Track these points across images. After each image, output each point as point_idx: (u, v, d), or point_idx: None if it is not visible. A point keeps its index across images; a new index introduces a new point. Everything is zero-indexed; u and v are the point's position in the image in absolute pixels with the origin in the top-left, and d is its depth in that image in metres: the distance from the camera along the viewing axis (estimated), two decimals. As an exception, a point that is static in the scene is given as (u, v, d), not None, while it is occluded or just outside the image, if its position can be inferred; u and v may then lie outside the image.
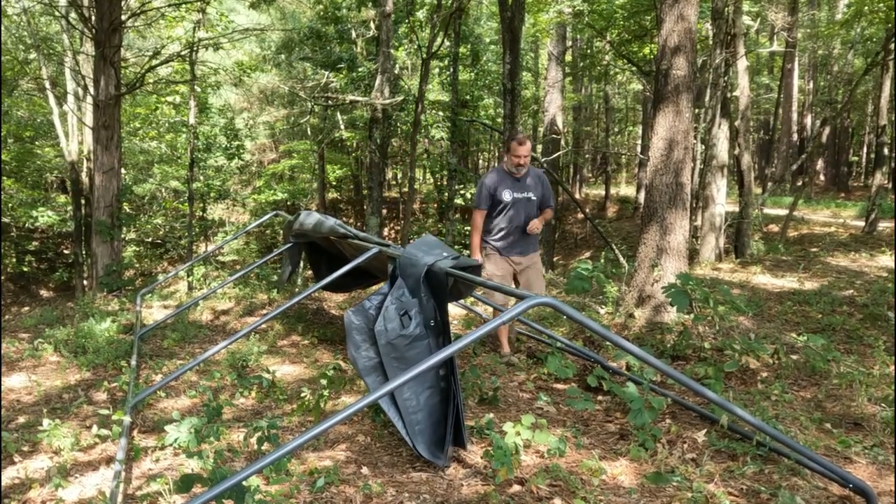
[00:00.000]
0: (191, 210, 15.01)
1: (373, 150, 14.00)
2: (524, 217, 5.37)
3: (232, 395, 4.70)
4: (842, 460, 3.58)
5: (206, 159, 17.02)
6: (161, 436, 3.76)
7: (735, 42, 11.98)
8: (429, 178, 27.03)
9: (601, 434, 4.01)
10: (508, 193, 5.33)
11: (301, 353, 5.89)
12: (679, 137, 6.30)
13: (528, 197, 5.38)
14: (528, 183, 5.39)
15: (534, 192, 5.39)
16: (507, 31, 11.46)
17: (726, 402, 2.98)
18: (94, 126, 9.47)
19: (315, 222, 5.81)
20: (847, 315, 6.76)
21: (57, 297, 17.96)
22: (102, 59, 9.09)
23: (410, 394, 3.57)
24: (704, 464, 3.45)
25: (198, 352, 5.86)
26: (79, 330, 6.16)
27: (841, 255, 11.24)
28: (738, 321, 6.43)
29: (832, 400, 4.50)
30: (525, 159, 5.28)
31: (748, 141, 12.92)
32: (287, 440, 3.80)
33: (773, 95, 27.54)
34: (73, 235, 16.17)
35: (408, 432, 3.54)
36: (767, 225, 15.97)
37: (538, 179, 5.45)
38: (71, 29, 13.84)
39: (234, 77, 15.14)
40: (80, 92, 14.31)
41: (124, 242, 15.65)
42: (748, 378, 4.92)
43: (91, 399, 4.64)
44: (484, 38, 21.72)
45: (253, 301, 7.76)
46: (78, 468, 3.53)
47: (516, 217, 5.35)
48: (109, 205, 9.35)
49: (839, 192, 27.22)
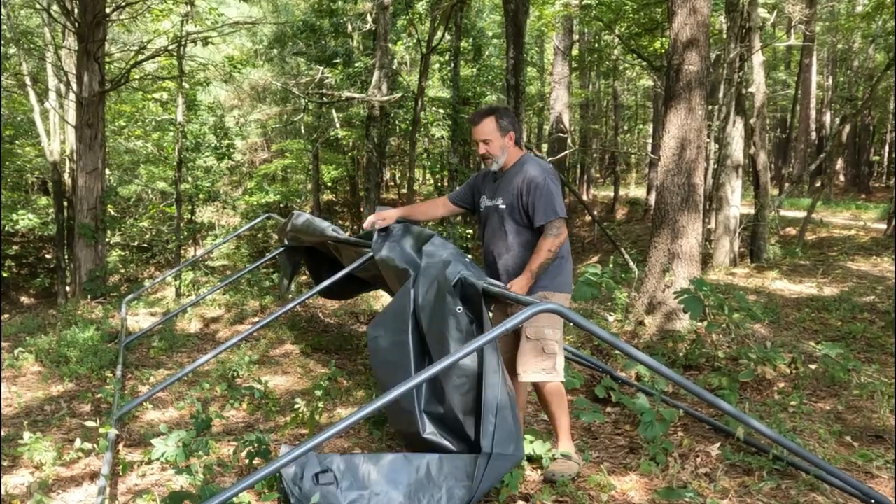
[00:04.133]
0: (178, 212, 15.02)
1: (370, 149, 14.01)
2: (494, 236, 3.77)
3: (222, 407, 4.70)
4: (863, 475, 3.58)
5: (195, 159, 17.03)
6: (147, 450, 3.76)
7: (750, 36, 12.00)
8: (429, 178, 27.07)
9: (610, 447, 4.01)
10: (483, 199, 3.89)
11: (294, 362, 5.90)
12: (691, 136, 6.32)
13: (495, 205, 3.74)
14: (504, 185, 3.74)
15: (503, 198, 3.70)
16: (511, 24, 11.48)
17: (741, 414, 2.99)
18: (76, 124, 9.49)
19: (304, 221, 5.79)
20: (868, 322, 6.76)
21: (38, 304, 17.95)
22: (86, 54, 9.12)
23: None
24: (718, 479, 3.45)
25: (186, 361, 5.87)
26: (61, 338, 6.17)
27: (862, 259, 11.25)
28: (753, 329, 6.43)
29: (852, 411, 4.50)
30: (486, 148, 3.71)
31: (764, 139, 12.93)
32: (279, 454, 3.81)
33: (791, 92, 27.56)
34: (55, 239, 16.18)
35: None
36: (784, 228, 15.97)
37: (523, 180, 3.63)
38: (53, 22, 13.88)
39: (224, 73, 15.17)
40: (62, 88, 14.34)
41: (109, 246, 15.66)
42: (764, 389, 4.92)
43: (74, 411, 4.65)
44: (487, 31, 21.77)
45: (244, 308, 7.77)
46: (60, 483, 3.54)
47: (487, 234, 3.84)
48: (93, 207, 9.36)
49: (860, 193, 27.21)
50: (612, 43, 20.96)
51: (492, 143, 3.71)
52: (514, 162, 3.76)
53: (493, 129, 3.71)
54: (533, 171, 3.65)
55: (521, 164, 3.73)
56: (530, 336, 3.56)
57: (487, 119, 3.72)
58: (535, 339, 3.57)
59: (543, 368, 3.56)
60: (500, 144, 3.71)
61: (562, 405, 3.65)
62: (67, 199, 14.59)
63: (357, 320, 7.53)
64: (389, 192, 26.77)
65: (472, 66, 19.79)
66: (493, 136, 3.71)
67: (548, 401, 3.64)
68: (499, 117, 3.70)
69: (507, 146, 3.74)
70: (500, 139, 3.71)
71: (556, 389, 3.62)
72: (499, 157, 3.73)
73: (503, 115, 3.74)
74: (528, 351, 3.57)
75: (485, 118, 3.73)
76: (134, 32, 17.66)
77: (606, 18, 16.51)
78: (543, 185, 3.58)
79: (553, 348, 3.57)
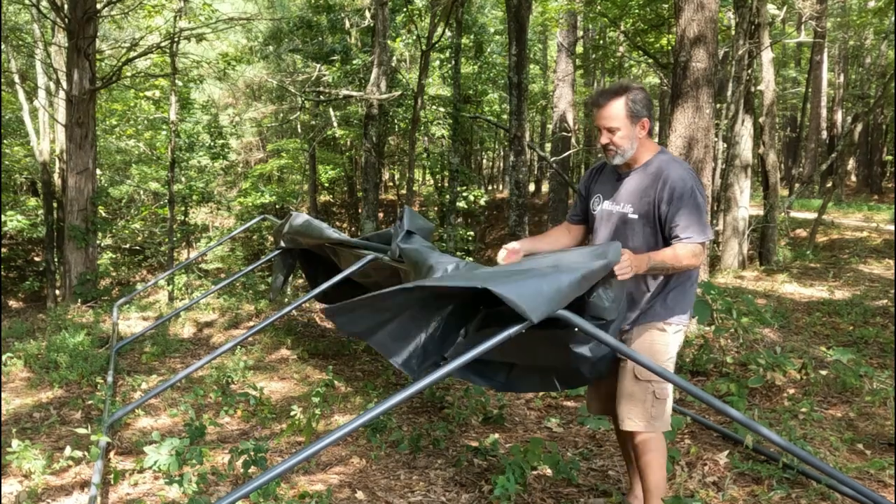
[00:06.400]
0: (171, 214, 15.02)
1: (368, 149, 14.02)
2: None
3: (216, 414, 4.71)
4: (875, 484, 3.58)
5: (189, 159, 17.04)
6: (140, 458, 3.77)
7: (759, 32, 12.01)
8: (429, 179, 27.08)
9: (615, 455, 4.01)
10: (598, 200, 3.21)
11: (291, 368, 5.90)
12: (699, 135, 6.33)
13: (621, 213, 3.08)
14: (629, 186, 3.08)
15: (633, 205, 3.04)
16: (514, 20, 11.50)
17: (750, 421, 2.98)
18: (66, 123, 9.50)
19: (303, 222, 5.80)
20: (880, 327, 6.76)
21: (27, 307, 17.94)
22: (76, 51, 9.13)
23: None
24: (727, 487, 3.45)
25: (179, 367, 5.87)
26: (51, 343, 6.17)
27: (874, 261, 11.25)
28: (762, 333, 6.43)
29: (864, 418, 4.50)
30: (611, 138, 3.02)
31: (774, 139, 12.94)
32: (276, 463, 3.81)
33: (801, 90, 27.58)
34: (44, 241, 16.20)
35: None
36: (794, 229, 15.96)
37: (664, 185, 2.96)
38: (42, 18, 13.90)
39: (219, 70, 15.18)
40: (51, 86, 14.38)
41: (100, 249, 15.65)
42: (774, 395, 4.92)
43: (64, 418, 4.65)
44: (488, 27, 21.80)
45: (239, 312, 7.78)
46: (50, 493, 3.54)
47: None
48: (84, 208, 9.37)
49: (872, 194, 27.21)
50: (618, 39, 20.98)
51: (619, 133, 2.99)
52: (646, 158, 3.06)
53: (623, 113, 2.98)
54: (676, 172, 2.96)
55: (657, 163, 3.03)
56: (640, 377, 2.97)
57: (616, 101, 2.99)
58: (647, 381, 2.96)
59: (653, 416, 2.98)
60: (630, 134, 3.00)
61: (660, 459, 3.02)
62: (57, 200, 14.61)
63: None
64: (388, 193, 26.80)
65: (474, 63, 19.80)
66: (621, 122, 2.98)
67: (643, 451, 3.00)
68: (631, 99, 2.99)
69: (638, 137, 3.02)
70: (629, 127, 2.99)
71: (659, 441, 3.03)
72: (626, 149, 3.02)
73: (636, 96, 3.00)
74: (637, 394, 2.98)
75: (612, 99, 2.99)
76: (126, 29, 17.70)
77: (611, 14, 16.53)
78: (690, 196, 2.91)
79: (665, 392, 2.99)
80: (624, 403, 2.99)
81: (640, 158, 3.05)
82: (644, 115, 3.01)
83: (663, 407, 2.99)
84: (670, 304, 3.01)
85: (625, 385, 3.00)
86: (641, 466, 3.02)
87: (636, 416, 2.97)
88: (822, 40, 21.90)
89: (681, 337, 3.07)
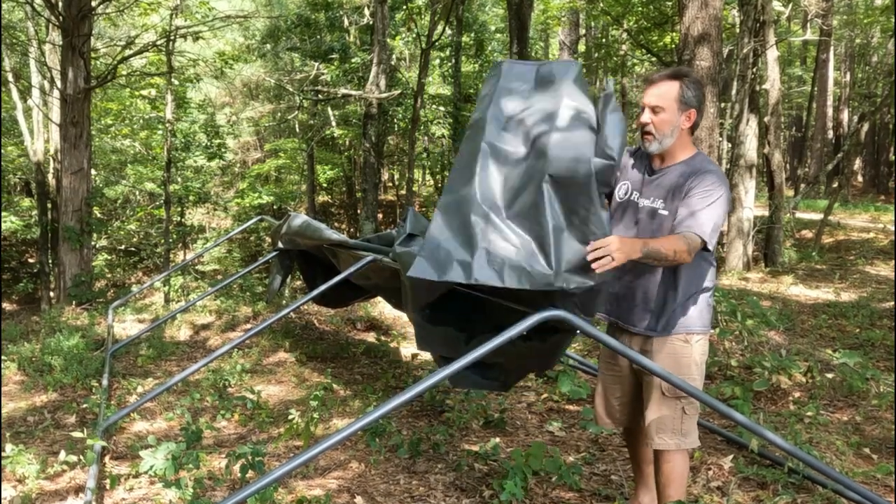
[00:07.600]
0: (167, 215, 15.04)
1: (367, 148, 14.03)
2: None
3: (213, 418, 4.71)
4: (882, 488, 3.58)
5: (185, 159, 17.06)
6: (135, 462, 3.77)
7: (765, 30, 12.01)
8: (429, 179, 27.07)
9: (618, 459, 4.01)
10: (625, 188, 3.04)
11: (288, 371, 5.90)
12: (703, 135, 6.34)
13: (651, 207, 2.92)
14: (662, 182, 2.92)
15: (665, 201, 2.88)
16: (515, 18, 11.51)
17: (755, 425, 2.99)
18: (61, 123, 9.50)
19: (302, 223, 5.80)
20: (887, 329, 6.76)
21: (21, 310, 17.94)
22: (71, 49, 9.14)
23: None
24: (731, 492, 3.45)
25: (175, 370, 5.87)
26: (45, 346, 6.17)
27: (881, 263, 11.25)
28: (767, 336, 6.43)
29: (871, 422, 4.50)
30: (653, 118, 2.88)
31: (779, 138, 12.94)
32: (273, 467, 3.81)
33: (807, 88, 27.59)
34: (38, 243, 16.20)
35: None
36: (800, 230, 15.96)
37: (689, 178, 2.84)
38: (36, 16, 13.90)
39: (215, 69, 15.18)
40: (46, 85, 14.36)
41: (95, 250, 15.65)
42: (779, 398, 4.93)
43: (59, 422, 4.66)
44: (489, 25, 21.83)
45: (236, 315, 7.78)
46: (44, 497, 3.54)
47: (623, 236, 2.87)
48: (78, 209, 9.37)
49: (878, 194, 27.23)
50: (620, 38, 21.00)
51: (663, 115, 2.85)
52: (683, 157, 2.93)
53: (674, 96, 2.85)
54: (713, 175, 2.83)
55: (695, 163, 2.89)
56: (668, 393, 2.87)
57: (669, 82, 2.87)
58: (675, 399, 2.88)
59: (683, 433, 2.88)
60: (674, 120, 2.86)
61: (683, 477, 2.95)
62: (51, 200, 14.60)
63: (353, 327, 7.53)
64: (388, 194, 26.78)
65: (474, 61, 19.82)
66: (668, 104, 2.85)
67: (669, 469, 2.91)
68: (686, 85, 2.87)
69: (681, 127, 2.89)
70: (675, 113, 2.86)
71: (684, 459, 2.95)
72: (665, 136, 2.87)
73: (692, 84, 2.90)
74: (666, 410, 2.88)
75: (666, 80, 2.88)
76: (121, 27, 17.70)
77: (614, 12, 16.56)
78: (717, 199, 2.78)
79: (695, 407, 2.91)
80: (653, 422, 2.89)
81: (676, 154, 2.93)
82: (694, 105, 2.89)
83: (692, 423, 2.91)
84: (692, 313, 2.91)
85: (652, 402, 2.90)
86: (662, 482, 2.93)
87: (666, 436, 2.88)
88: (828, 38, 21.90)
89: (705, 344, 2.99)
